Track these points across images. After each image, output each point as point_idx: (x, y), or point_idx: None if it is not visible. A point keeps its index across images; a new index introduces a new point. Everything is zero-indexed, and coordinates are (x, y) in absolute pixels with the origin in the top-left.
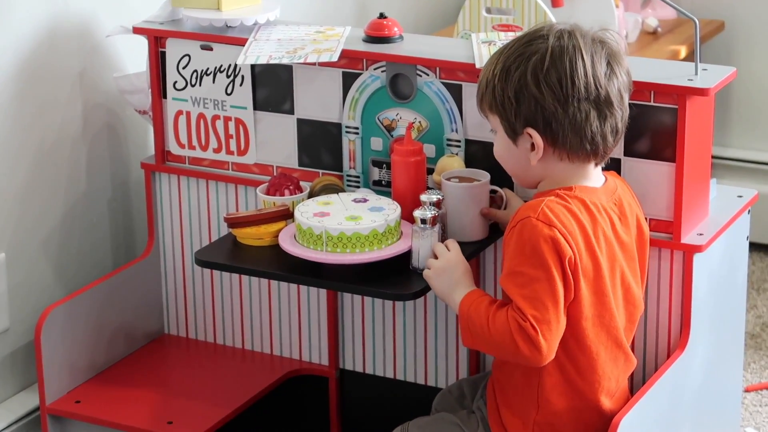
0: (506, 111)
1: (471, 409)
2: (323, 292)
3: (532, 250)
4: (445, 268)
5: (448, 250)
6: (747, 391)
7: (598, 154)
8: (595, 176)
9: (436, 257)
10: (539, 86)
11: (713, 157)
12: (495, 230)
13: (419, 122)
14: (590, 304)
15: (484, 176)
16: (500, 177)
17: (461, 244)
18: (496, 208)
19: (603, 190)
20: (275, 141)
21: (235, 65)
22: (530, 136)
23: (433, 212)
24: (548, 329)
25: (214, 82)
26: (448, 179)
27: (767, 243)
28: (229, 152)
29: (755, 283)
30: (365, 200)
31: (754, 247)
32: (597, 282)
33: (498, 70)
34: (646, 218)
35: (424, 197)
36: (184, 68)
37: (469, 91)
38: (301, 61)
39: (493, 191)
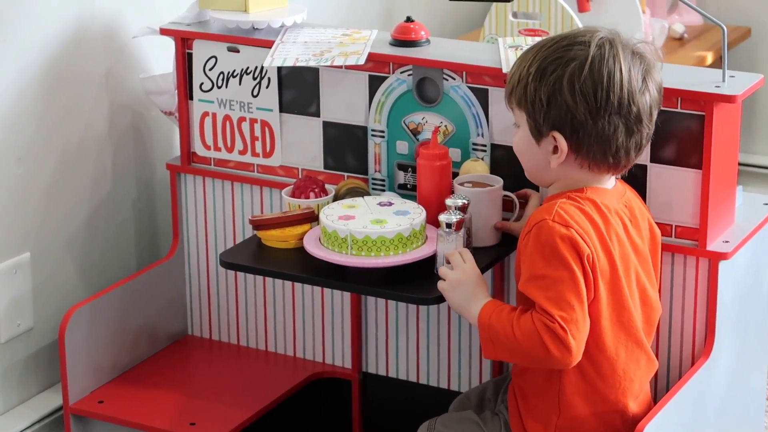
0: (535, 111)
1: (494, 411)
2: (347, 295)
3: (551, 252)
4: (461, 281)
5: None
6: None
7: (618, 167)
8: (607, 180)
9: (449, 263)
10: (573, 94)
11: (739, 164)
12: (509, 235)
13: (445, 126)
14: (608, 304)
15: (498, 182)
16: (520, 182)
17: (476, 249)
18: (509, 213)
19: (613, 192)
20: (301, 143)
21: (262, 67)
22: (555, 140)
23: (458, 216)
24: (576, 328)
25: (240, 83)
26: (462, 184)
27: None
28: (254, 154)
29: None
30: (390, 204)
31: None
32: (613, 281)
33: (533, 68)
34: (671, 225)
35: (449, 201)
36: (210, 70)
37: (496, 96)
38: (328, 63)
39: (506, 196)
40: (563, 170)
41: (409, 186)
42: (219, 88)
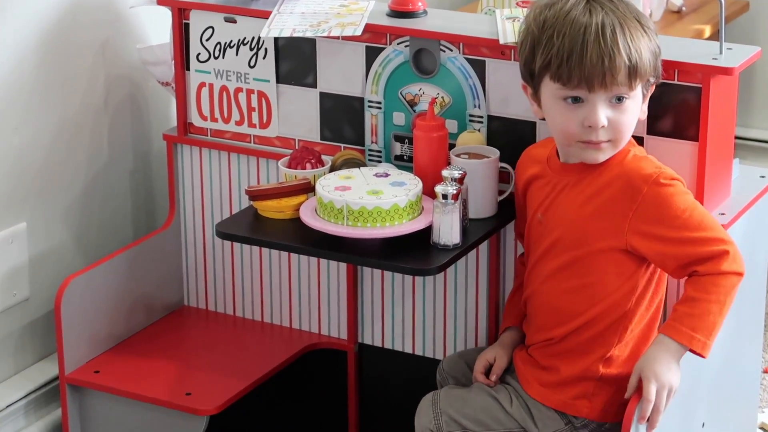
0: (657, 66)
1: (502, 383)
2: (343, 266)
3: (679, 192)
4: (663, 385)
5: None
6: (766, 372)
7: None
8: None
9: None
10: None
11: (736, 137)
12: (507, 206)
13: (442, 97)
14: None
15: (494, 153)
16: (517, 154)
17: (472, 220)
18: (505, 185)
19: None
20: (297, 114)
21: (259, 38)
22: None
23: (455, 188)
24: (728, 235)
25: (237, 54)
26: (458, 155)
27: None
28: (251, 125)
29: None
30: (387, 175)
31: None
32: None
33: (647, 33)
34: None
35: (445, 173)
36: (207, 40)
37: (493, 67)
38: (325, 34)
39: (502, 168)
40: None
41: (405, 157)
42: (216, 58)
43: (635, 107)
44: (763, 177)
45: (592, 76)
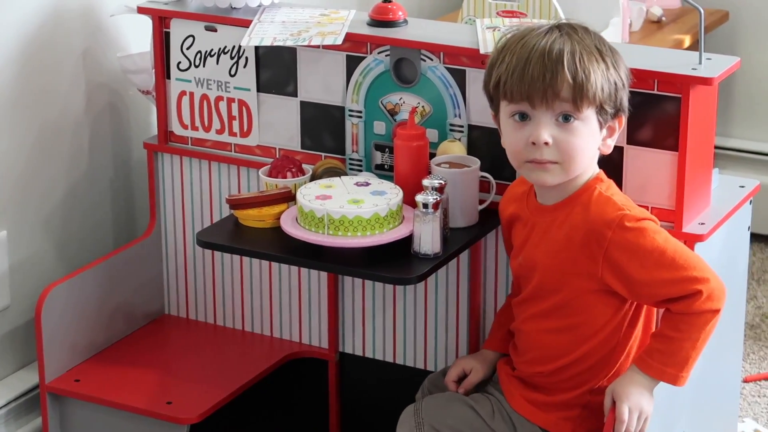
0: (618, 93)
1: (485, 392)
2: (324, 275)
3: (649, 231)
4: (635, 406)
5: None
6: (746, 381)
7: None
8: None
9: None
10: (627, 75)
11: (716, 147)
12: (488, 215)
13: (422, 107)
14: None
15: (475, 162)
16: (498, 163)
17: (453, 230)
18: (486, 194)
19: None
20: (278, 123)
21: (239, 47)
22: (620, 119)
23: (435, 197)
24: (707, 269)
25: (217, 63)
26: (439, 165)
27: None
28: (231, 134)
29: (755, 273)
30: (367, 184)
31: (755, 237)
32: None
33: (606, 61)
34: (647, 207)
35: (426, 182)
36: (188, 49)
37: (473, 77)
38: (305, 43)
39: (483, 177)
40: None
41: (386, 166)
42: (196, 67)
43: (587, 132)
44: (742, 187)
45: (533, 90)
